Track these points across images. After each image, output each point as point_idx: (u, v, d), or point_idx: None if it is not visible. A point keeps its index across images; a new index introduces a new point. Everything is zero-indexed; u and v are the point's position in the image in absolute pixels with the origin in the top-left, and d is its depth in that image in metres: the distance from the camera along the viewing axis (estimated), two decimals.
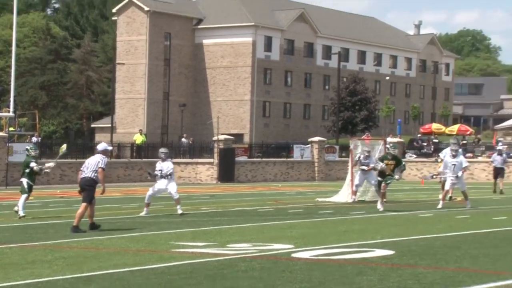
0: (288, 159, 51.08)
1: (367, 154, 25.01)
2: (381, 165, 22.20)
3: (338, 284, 9.25)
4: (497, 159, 33.21)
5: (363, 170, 24.72)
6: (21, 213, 19.12)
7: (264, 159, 50.43)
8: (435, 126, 67.08)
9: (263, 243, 13.55)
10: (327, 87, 79.80)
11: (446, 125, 74.11)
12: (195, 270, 10.46)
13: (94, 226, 16.12)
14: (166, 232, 15.83)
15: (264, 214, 20.69)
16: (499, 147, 37.49)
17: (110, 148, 17.56)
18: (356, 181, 25.25)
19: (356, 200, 25.26)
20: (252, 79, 73.03)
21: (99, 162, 16.03)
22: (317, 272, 10.25)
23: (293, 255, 12.03)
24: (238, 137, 64.84)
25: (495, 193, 31.42)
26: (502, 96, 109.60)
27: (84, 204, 15.95)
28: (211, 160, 47.32)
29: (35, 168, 19.38)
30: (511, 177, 45.84)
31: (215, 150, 47.05)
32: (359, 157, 25.21)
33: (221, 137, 48.24)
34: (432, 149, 54.17)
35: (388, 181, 22.35)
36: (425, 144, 57.37)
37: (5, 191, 32.76)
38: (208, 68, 74.62)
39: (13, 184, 33.62)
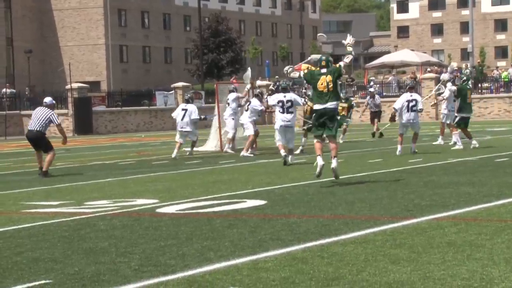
0: (151, 107, 50.62)
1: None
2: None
3: (207, 239, 9.16)
4: (370, 103, 33.33)
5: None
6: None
7: (124, 108, 49.79)
8: (305, 67, 67.69)
9: (124, 199, 13.32)
10: (188, 28, 79.25)
11: None
12: (49, 232, 10.13)
13: None
14: (16, 192, 15.34)
15: (126, 168, 20.39)
16: (370, 89, 37.92)
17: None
18: (234, 129, 24.60)
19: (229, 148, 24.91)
20: (105, 21, 71.49)
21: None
22: (184, 227, 10.13)
23: (158, 210, 11.86)
24: (94, 85, 63.66)
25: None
26: (372, 33, 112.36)
27: None
28: (65, 111, 46.25)
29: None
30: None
31: (69, 99, 46.04)
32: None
33: (75, 85, 47.20)
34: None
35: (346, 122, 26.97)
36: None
37: None
38: (55, 10, 72.42)
39: None
